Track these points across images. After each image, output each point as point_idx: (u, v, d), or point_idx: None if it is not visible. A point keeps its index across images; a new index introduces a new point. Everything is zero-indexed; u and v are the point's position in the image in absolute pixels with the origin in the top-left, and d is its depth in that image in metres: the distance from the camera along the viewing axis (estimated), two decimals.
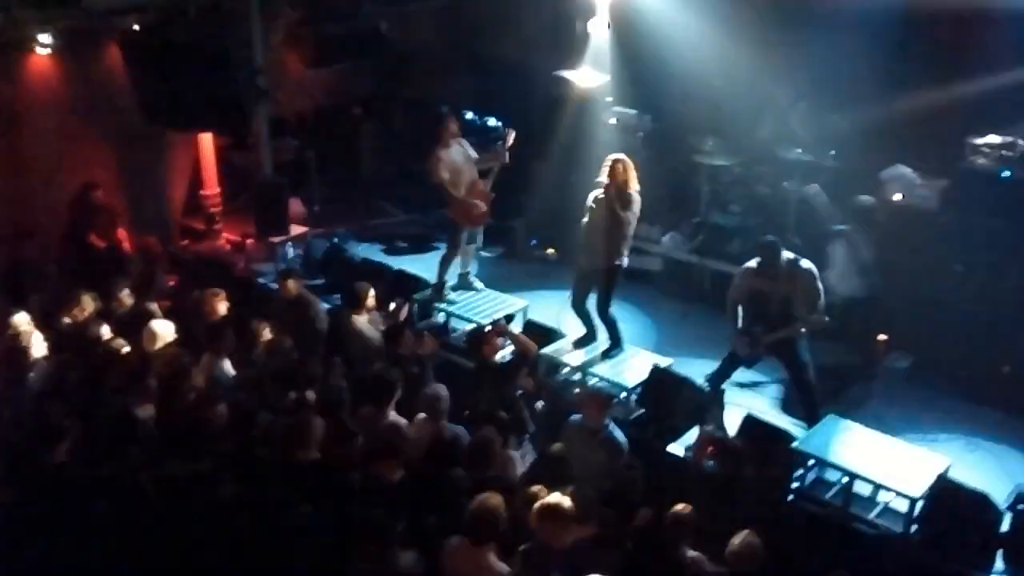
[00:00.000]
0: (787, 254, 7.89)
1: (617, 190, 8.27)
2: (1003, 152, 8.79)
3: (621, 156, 8.44)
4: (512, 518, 5.39)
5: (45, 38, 9.69)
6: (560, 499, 5.42)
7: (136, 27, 9.69)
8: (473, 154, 9.66)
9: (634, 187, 8.34)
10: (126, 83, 9.82)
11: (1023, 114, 8.97)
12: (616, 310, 8.88)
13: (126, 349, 7.40)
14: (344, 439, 6.22)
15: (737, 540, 5.43)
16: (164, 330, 7.69)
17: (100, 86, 10.45)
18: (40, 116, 10.24)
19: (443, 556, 5.33)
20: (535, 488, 5.64)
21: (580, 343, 8.93)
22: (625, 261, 8.52)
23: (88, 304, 8.12)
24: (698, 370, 8.65)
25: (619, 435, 6.90)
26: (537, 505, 5.39)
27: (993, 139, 8.87)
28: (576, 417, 7.04)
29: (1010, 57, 8.98)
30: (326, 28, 11.02)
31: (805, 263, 7.85)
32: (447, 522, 5.47)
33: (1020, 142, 8.81)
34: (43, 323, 7.84)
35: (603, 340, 8.90)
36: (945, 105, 9.32)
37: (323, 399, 6.79)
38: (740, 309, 8.12)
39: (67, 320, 8.02)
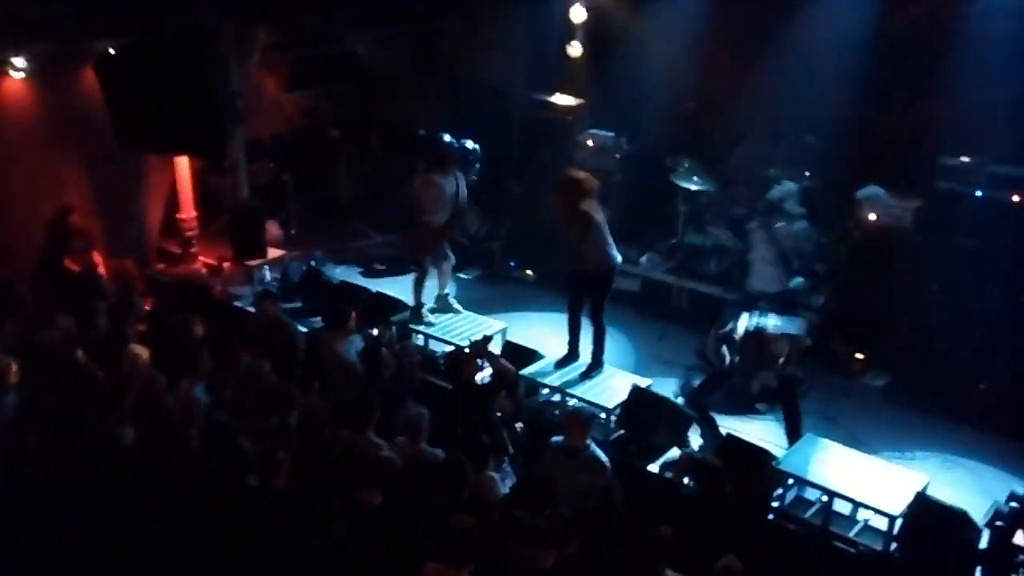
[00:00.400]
0: (750, 323, 7.94)
1: (566, 211, 8.34)
2: (974, 172, 8.90)
3: (572, 176, 8.47)
4: (491, 540, 5.37)
5: (19, 62, 9.65)
6: (539, 521, 5.40)
7: (112, 51, 9.65)
8: (463, 193, 9.68)
9: (582, 205, 8.34)
10: (102, 106, 9.77)
11: (994, 135, 9.10)
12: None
13: (101, 373, 7.33)
14: (324, 464, 6.17)
15: (720, 563, 5.42)
16: (141, 354, 7.61)
17: (76, 110, 10.39)
18: (15, 140, 10.18)
19: None
20: (516, 511, 5.62)
21: (560, 364, 8.92)
22: (615, 261, 8.56)
23: (62, 326, 8.05)
24: (676, 391, 8.68)
25: (601, 455, 6.91)
26: (517, 528, 5.37)
27: (965, 160, 8.98)
28: (558, 438, 7.03)
29: (980, 79, 9.11)
30: (302, 52, 11.04)
31: (771, 329, 8.00)
32: (426, 546, 5.44)
33: (991, 163, 8.92)
34: (18, 347, 7.75)
35: (583, 361, 8.90)
36: (918, 126, 9.43)
37: (303, 423, 6.75)
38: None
39: (42, 344, 7.94)
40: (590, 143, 11.40)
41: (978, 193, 8.83)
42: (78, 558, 5.56)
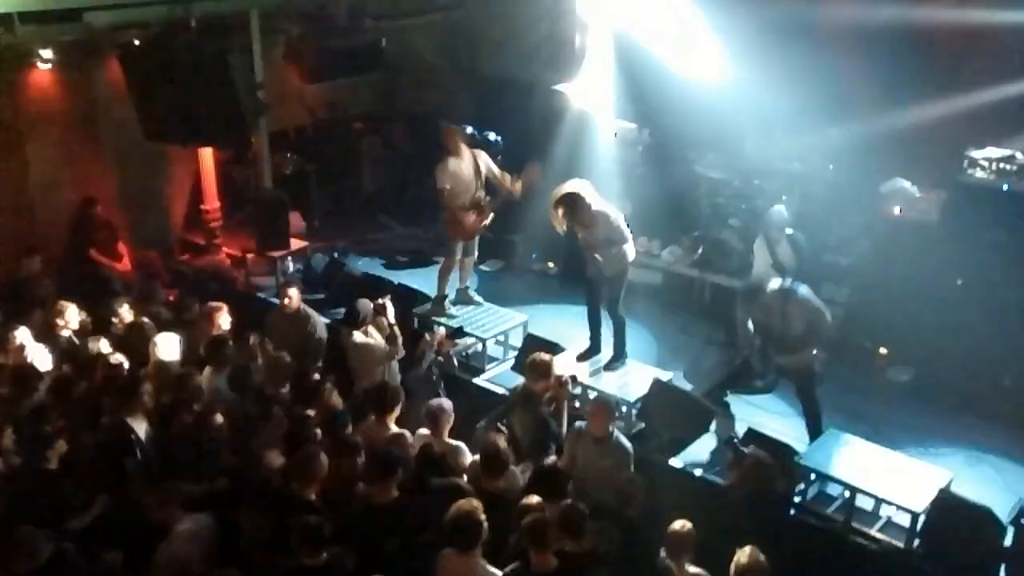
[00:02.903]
0: (777, 283, 7.86)
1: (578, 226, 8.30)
2: (1001, 165, 8.81)
3: (564, 196, 8.36)
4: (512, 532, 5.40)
5: (47, 53, 9.71)
6: (547, 514, 5.42)
7: (137, 42, 9.71)
8: (494, 170, 9.58)
9: (590, 216, 8.27)
10: (127, 98, 9.83)
11: (1021, 127, 9.00)
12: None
13: (125, 364, 7.39)
14: (345, 454, 6.20)
15: (744, 557, 5.39)
16: (169, 344, 7.67)
17: (101, 101, 10.49)
18: (41, 131, 10.27)
19: (436, 571, 5.33)
20: (532, 500, 5.62)
21: (582, 357, 8.90)
22: (629, 257, 8.51)
23: (71, 314, 8.12)
24: (697, 384, 8.65)
25: (625, 442, 6.90)
26: (525, 520, 5.37)
27: (991, 152, 8.90)
28: (581, 424, 7.03)
29: (1007, 71, 9.01)
30: (326, 43, 11.04)
31: (801, 292, 7.78)
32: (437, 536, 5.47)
33: (1018, 155, 8.84)
34: (45, 338, 7.83)
35: (605, 354, 8.88)
36: (943, 118, 9.34)
37: (325, 416, 6.78)
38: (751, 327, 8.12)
39: (64, 333, 8.02)
40: (612, 135, 11.35)
41: (1005, 186, 8.74)
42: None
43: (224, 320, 8.15)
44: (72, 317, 8.13)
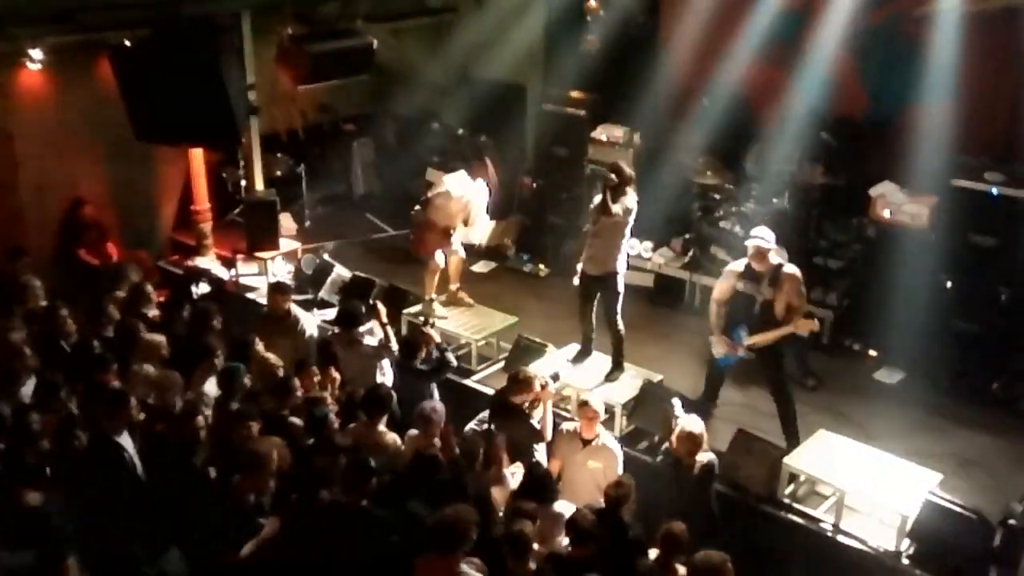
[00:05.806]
0: (774, 258, 7.87)
1: (608, 194, 8.24)
2: (991, 170, 8.84)
3: (616, 165, 8.37)
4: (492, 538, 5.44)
5: (36, 53, 9.69)
6: (524, 525, 5.47)
7: (128, 42, 9.69)
8: (473, 210, 9.82)
9: (624, 198, 8.26)
10: (117, 98, 9.80)
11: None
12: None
13: (114, 363, 7.36)
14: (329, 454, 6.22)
15: (698, 557, 5.40)
16: (156, 344, 7.65)
17: (91, 101, 10.45)
18: (31, 131, 10.24)
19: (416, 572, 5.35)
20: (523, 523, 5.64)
21: (572, 359, 8.88)
22: (621, 269, 8.45)
23: (68, 317, 8.10)
24: (688, 386, 8.64)
25: (614, 443, 6.91)
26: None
27: (981, 158, 8.92)
28: (568, 426, 7.03)
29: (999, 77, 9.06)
30: (318, 45, 11.03)
31: (790, 268, 7.81)
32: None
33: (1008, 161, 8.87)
34: (31, 337, 7.80)
35: (595, 356, 8.86)
36: (934, 123, 9.37)
37: (308, 416, 6.78)
38: (722, 311, 8.03)
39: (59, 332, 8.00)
40: (604, 138, 11.37)
41: (994, 191, 8.77)
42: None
43: (213, 322, 8.15)
44: (67, 319, 8.09)
